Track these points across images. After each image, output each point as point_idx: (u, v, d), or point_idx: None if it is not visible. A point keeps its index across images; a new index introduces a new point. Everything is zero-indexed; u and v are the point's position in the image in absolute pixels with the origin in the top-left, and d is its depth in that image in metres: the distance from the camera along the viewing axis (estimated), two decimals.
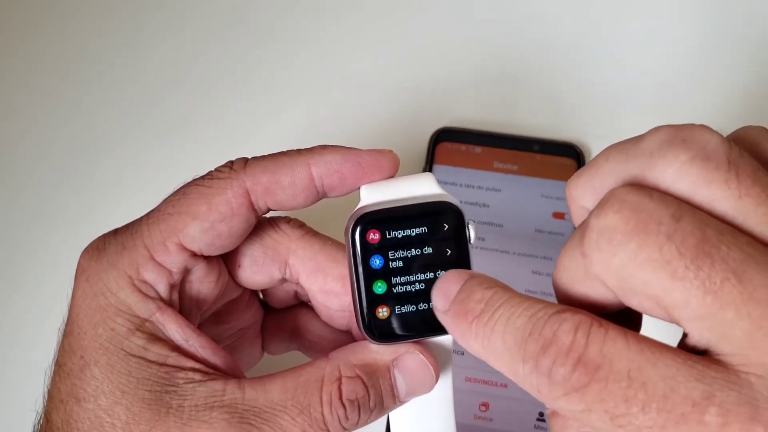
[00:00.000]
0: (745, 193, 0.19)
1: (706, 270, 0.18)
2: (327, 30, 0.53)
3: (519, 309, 0.21)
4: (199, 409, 0.26)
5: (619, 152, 0.22)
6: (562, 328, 0.20)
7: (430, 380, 0.28)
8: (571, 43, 0.51)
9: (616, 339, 0.19)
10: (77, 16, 0.54)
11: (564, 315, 0.20)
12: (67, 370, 0.27)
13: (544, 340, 0.20)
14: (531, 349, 0.20)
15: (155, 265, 0.28)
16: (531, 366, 0.20)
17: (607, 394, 0.19)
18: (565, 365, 0.19)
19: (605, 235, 0.20)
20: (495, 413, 0.39)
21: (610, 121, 0.48)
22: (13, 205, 0.47)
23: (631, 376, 0.19)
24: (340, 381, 0.27)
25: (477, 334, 0.22)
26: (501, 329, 0.21)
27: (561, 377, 0.19)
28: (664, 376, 0.18)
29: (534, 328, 0.20)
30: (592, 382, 0.19)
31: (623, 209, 0.19)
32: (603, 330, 0.19)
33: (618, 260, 0.19)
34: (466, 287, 0.23)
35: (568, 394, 0.19)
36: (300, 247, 0.30)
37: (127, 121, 0.50)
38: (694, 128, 0.20)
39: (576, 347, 0.19)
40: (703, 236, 0.19)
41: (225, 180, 0.28)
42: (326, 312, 0.31)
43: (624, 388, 0.19)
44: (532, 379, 0.20)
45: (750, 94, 0.49)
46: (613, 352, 0.19)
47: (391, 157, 0.28)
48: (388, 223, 0.27)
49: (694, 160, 0.20)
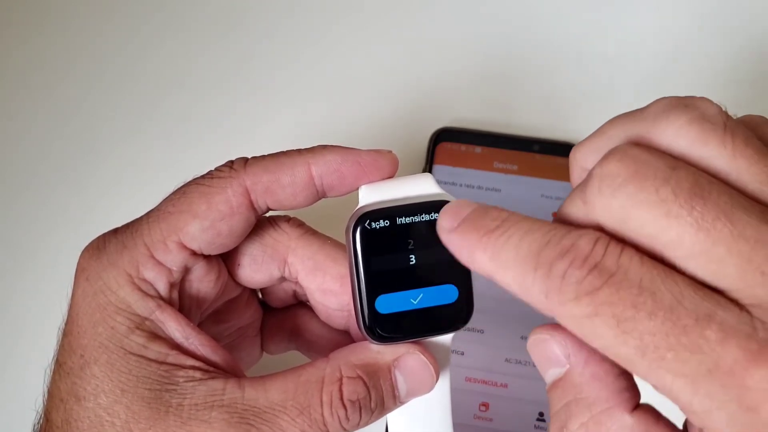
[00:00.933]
0: (740, 153, 0.21)
1: (699, 209, 0.19)
2: (327, 30, 0.53)
3: (536, 225, 0.21)
4: (199, 408, 0.26)
5: (625, 118, 0.23)
6: (582, 239, 0.20)
7: (430, 380, 0.28)
8: (571, 43, 0.51)
9: (632, 255, 0.20)
10: (77, 16, 0.54)
11: (584, 230, 0.21)
12: (67, 368, 0.27)
13: (562, 248, 0.20)
14: (547, 255, 0.20)
15: (155, 263, 0.28)
16: (544, 271, 0.20)
17: (618, 299, 0.19)
18: (581, 269, 0.20)
19: (606, 180, 0.21)
20: (495, 413, 0.39)
21: None
22: (14, 205, 0.47)
23: (642, 285, 0.19)
24: (341, 381, 0.27)
25: (486, 246, 0.22)
26: (516, 240, 0.21)
27: (575, 279, 0.20)
28: (672, 290, 0.19)
29: (552, 239, 0.21)
30: (604, 285, 0.19)
31: (624, 158, 0.21)
32: (620, 246, 0.20)
33: (618, 202, 0.20)
34: (480, 208, 0.23)
35: (578, 298, 0.20)
36: (299, 246, 0.30)
37: (128, 121, 0.50)
38: (695, 98, 0.22)
39: (594, 255, 0.20)
40: (696, 181, 0.20)
41: (225, 179, 0.28)
42: (325, 312, 0.31)
43: (634, 294, 0.19)
44: (542, 284, 0.20)
45: (751, 95, 0.49)
46: (628, 263, 0.20)
47: (390, 158, 0.28)
48: (388, 222, 0.27)
49: (693, 122, 0.21)
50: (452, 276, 0.27)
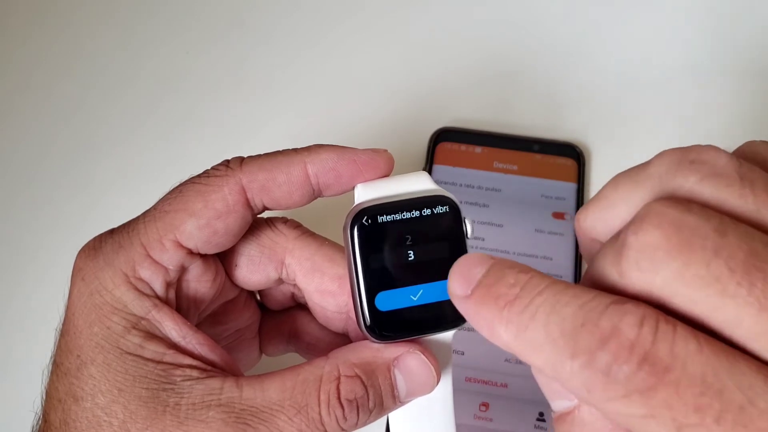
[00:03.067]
0: (763, 205, 0.18)
1: (760, 285, 0.17)
2: (327, 30, 0.53)
3: (566, 296, 0.19)
4: (196, 407, 0.26)
5: (627, 179, 0.21)
6: (624, 320, 0.17)
7: (431, 381, 0.27)
8: (571, 43, 0.51)
9: (687, 338, 0.17)
10: (77, 16, 0.54)
11: (626, 306, 0.18)
12: (64, 369, 0.27)
13: (602, 333, 0.17)
14: (584, 341, 0.18)
15: (151, 262, 0.28)
16: (583, 361, 0.17)
17: (678, 400, 0.17)
18: (629, 362, 0.17)
19: (646, 253, 0.18)
20: (495, 413, 0.39)
21: (610, 121, 0.48)
22: (13, 205, 0.47)
23: (705, 381, 0.17)
24: (338, 380, 0.26)
25: (510, 321, 0.19)
26: (543, 317, 0.18)
27: (623, 375, 0.17)
28: (741, 385, 0.17)
29: (588, 317, 0.18)
30: (660, 384, 0.17)
31: (663, 224, 0.18)
32: (671, 327, 0.17)
33: (661, 279, 0.18)
34: (495, 270, 0.20)
35: (629, 396, 0.17)
36: (297, 247, 0.30)
37: (127, 121, 0.50)
38: (701, 149, 0.19)
39: (642, 342, 0.17)
40: (751, 250, 0.17)
41: (221, 177, 0.28)
42: (323, 313, 0.31)
43: (697, 394, 0.17)
44: (582, 376, 0.18)
45: (750, 94, 0.49)
46: (685, 352, 0.17)
47: (386, 157, 0.28)
48: (385, 219, 0.27)
49: (705, 180, 0.19)
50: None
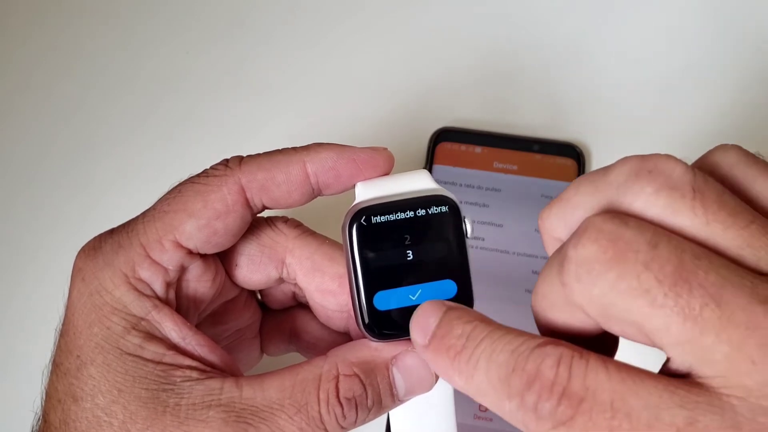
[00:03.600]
0: (713, 218, 0.20)
1: (685, 296, 0.19)
2: (327, 30, 0.53)
3: (500, 344, 0.21)
4: (197, 407, 0.26)
5: (588, 184, 0.22)
6: (545, 363, 0.20)
7: (429, 379, 0.28)
8: (572, 43, 0.51)
9: (597, 369, 0.19)
10: (77, 16, 0.54)
11: (546, 348, 0.20)
12: (64, 369, 0.27)
13: (528, 376, 0.20)
14: (516, 385, 0.20)
15: (151, 263, 0.28)
16: (517, 402, 0.20)
17: (592, 426, 0.19)
18: (550, 400, 0.19)
19: (584, 266, 0.20)
20: (495, 413, 0.39)
21: (610, 121, 0.48)
22: (13, 205, 0.47)
23: (614, 406, 0.19)
24: (337, 379, 0.26)
25: (460, 371, 0.22)
26: (484, 365, 0.21)
27: (547, 412, 0.19)
28: (647, 404, 0.19)
29: (517, 363, 0.20)
30: (576, 414, 0.19)
31: (600, 238, 0.20)
32: (584, 361, 0.20)
33: (598, 290, 0.20)
34: (445, 321, 0.23)
35: (555, 428, 0.19)
36: (297, 246, 0.30)
37: (127, 121, 0.50)
38: (659, 159, 0.21)
39: (559, 381, 0.19)
40: (679, 262, 0.19)
41: (220, 177, 0.28)
42: (324, 313, 0.31)
43: (608, 419, 0.19)
44: (518, 415, 0.20)
45: (750, 94, 0.49)
46: (596, 383, 0.19)
47: (385, 155, 0.28)
48: (384, 218, 0.27)
49: (661, 191, 0.20)
50: (450, 271, 0.27)
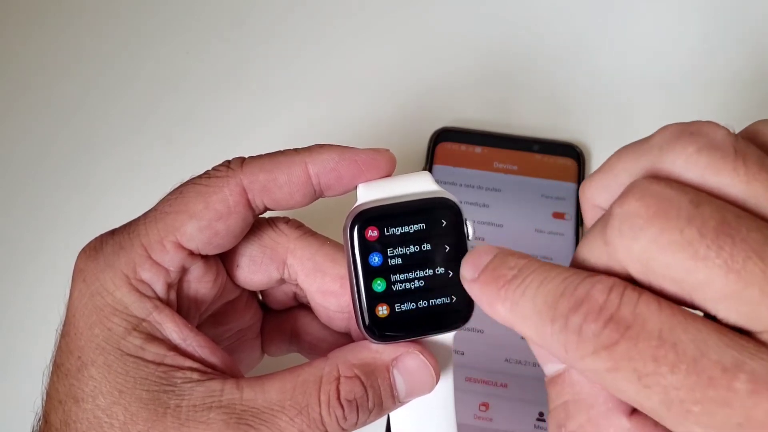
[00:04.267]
0: (753, 178, 0.20)
1: (728, 249, 0.18)
2: (327, 30, 0.53)
3: (552, 273, 0.21)
4: (197, 409, 0.26)
5: (631, 150, 0.22)
6: (596, 288, 0.20)
7: (430, 381, 0.28)
8: (572, 43, 0.51)
9: (649, 302, 0.19)
10: (77, 16, 0.54)
11: (598, 277, 0.20)
12: (64, 370, 0.27)
13: (576, 299, 0.20)
14: (562, 307, 0.20)
15: (152, 264, 0.28)
16: (561, 324, 0.20)
17: (637, 353, 0.19)
18: (596, 322, 0.19)
19: (627, 222, 0.20)
20: (495, 413, 0.39)
21: (611, 121, 0.48)
22: (13, 206, 0.47)
23: (662, 336, 0.19)
24: (338, 381, 0.26)
25: (506, 298, 0.22)
26: (532, 292, 0.21)
27: (591, 333, 0.19)
28: (695, 339, 0.18)
29: (567, 288, 0.20)
30: (622, 339, 0.19)
31: (645, 197, 0.20)
32: (636, 293, 0.19)
33: (640, 245, 0.20)
34: (499, 257, 0.23)
35: (597, 352, 0.19)
36: (298, 247, 0.30)
37: (127, 121, 0.50)
38: (701, 123, 0.21)
39: (609, 306, 0.19)
40: (722, 219, 0.19)
41: (222, 178, 0.28)
42: (325, 313, 0.31)
43: (654, 347, 0.19)
44: (560, 338, 0.20)
45: (752, 93, 0.49)
46: (646, 312, 0.19)
47: (387, 156, 0.28)
48: (386, 221, 0.26)
49: (702, 150, 0.20)
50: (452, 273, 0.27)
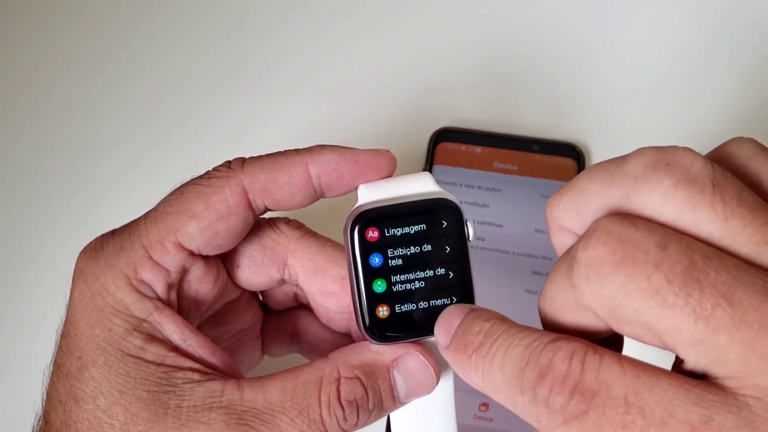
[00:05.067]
0: (731, 214, 0.19)
1: (696, 296, 0.18)
2: (327, 30, 0.53)
3: (516, 339, 0.21)
4: (198, 409, 0.26)
5: (603, 174, 0.22)
6: (557, 356, 0.20)
7: (430, 382, 0.28)
8: (572, 43, 0.51)
9: (611, 365, 0.19)
10: (77, 16, 0.54)
11: (558, 343, 0.20)
12: (65, 370, 0.27)
13: (540, 369, 0.20)
14: (528, 378, 0.20)
15: (153, 264, 0.28)
16: (529, 396, 0.20)
17: (606, 421, 0.19)
18: (562, 393, 0.19)
19: (593, 267, 0.20)
20: (495, 413, 0.39)
21: (610, 121, 0.48)
22: (13, 206, 0.47)
23: (628, 401, 0.19)
24: (338, 382, 0.26)
25: (477, 367, 0.22)
26: (499, 360, 0.21)
27: (559, 405, 0.19)
28: (661, 400, 0.18)
29: (531, 357, 0.20)
30: (589, 409, 0.19)
31: (609, 240, 0.19)
32: (598, 357, 0.19)
33: (607, 291, 0.19)
34: (466, 321, 0.23)
35: (567, 423, 0.19)
36: (299, 248, 0.30)
37: (127, 121, 0.50)
38: (677, 151, 0.20)
39: (572, 374, 0.19)
40: (690, 262, 0.19)
41: (222, 179, 0.28)
42: (325, 314, 0.31)
43: (622, 414, 0.18)
44: (531, 409, 0.20)
45: (750, 94, 0.49)
46: (609, 378, 0.19)
47: (388, 157, 0.28)
48: (386, 221, 0.26)
49: (679, 184, 0.20)
50: (452, 274, 0.27)
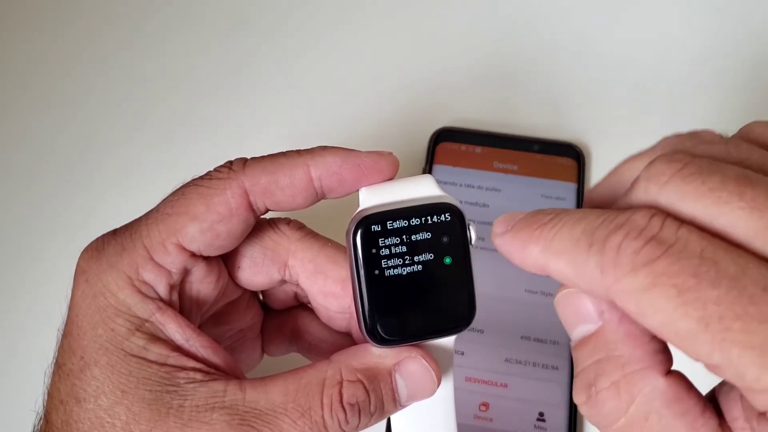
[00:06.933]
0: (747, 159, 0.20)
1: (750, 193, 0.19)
2: (327, 30, 0.53)
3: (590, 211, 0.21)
4: (200, 409, 0.26)
5: (639, 159, 0.23)
6: (637, 214, 0.20)
7: (431, 385, 0.28)
8: (572, 43, 0.51)
9: (691, 228, 0.19)
10: (78, 16, 0.54)
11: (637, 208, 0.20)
12: (66, 370, 0.27)
13: (617, 224, 0.20)
14: (601, 232, 0.20)
15: (154, 265, 0.28)
16: (598, 247, 0.19)
17: (678, 268, 0.18)
18: (638, 240, 0.19)
19: (653, 179, 0.20)
20: (495, 413, 0.39)
21: (611, 121, 0.48)
22: (14, 206, 0.47)
23: (703, 255, 0.18)
24: (341, 384, 0.26)
25: (540, 237, 0.21)
26: (569, 227, 0.21)
27: (631, 250, 0.19)
28: (735, 260, 0.18)
29: (607, 218, 0.20)
30: (663, 255, 0.19)
31: (672, 159, 0.20)
32: (678, 222, 0.19)
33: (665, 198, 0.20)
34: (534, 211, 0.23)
35: (635, 270, 0.19)
36: (300, 249, 0.30)
37: (128, 121, 0.50)
38: (698, 131, 0.22)
39: (651, 228, 0.19)
40: (743, 172, 0.19)
41: (224, 180, 0.28)
42: (326, 313, 0.31)
43: (695, 264, 0.18)
44: (597, 259, 0.19)
45: (752, 93, 0.49)
46: (688, 235, 0.19)
47: (390, 160, 0.28)
48: (389, 225, 0.26)
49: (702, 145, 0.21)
50: (454, 279, 0.27)
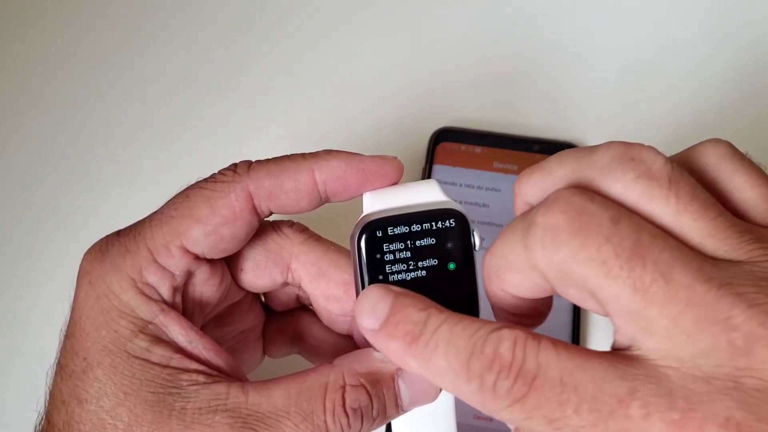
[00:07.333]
0: (684, 209, 0.21)
1: (638, 271, 0.20)
2: (328, 31, 0.53)
3: (458, 329, 0.22)
4: (203, 412, 0.26)
5: (573, 160, 0.24)
6: (502, 345, 0.21)
7: (433, 390, 0.28)
8: (572, 43, 0.51)
9: (548, 349, 0.21)
10: (78, 16, 0.54)
11: (502, 332, 0.22)
12: (69, 371, 0.27)
13: (487, 359, 0.21)
14: (475, 367, 0.21)
15: (158, 267, 0.28)
16: (477, 384, 0.21)
17: (544, 401, 0.20)
18: (507, 379, 0.21)
19: (550, 233, 0.21)
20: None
21: (611, 122, 0.48)
22: (15, 207, 0.47)
23: (563, 381, 0.20)
24: (344, 389, 0.27)
25: (417, 355, 0.23)
26: (443, 350, 0.22)
27: (504, 390, 0.21)
28: (593, 378, 0.20)
29: (476, 347, 0.22)
30: (530, 391, 0.21)
31: (568, 210, 0.21)
32: (536, 342, 0.21)
33: (560, 256, 0.21)
34: (398, 307, 0.24)
35: (511, 406, 0.21)
36: (302, 252, 0.30)
37: (130, 122, 0.50)
38: (642, 148, 0.22)
39: (516, 361, 0.21)
40: (638, 239, 0.21)
41: (228, 183, 0.28)
42: (328, 316, 0.31)
43: (558, 393, 0.20)
44: (477, 395, 0.22)
45: (752, 93, 0.49)
46: (547, 361, 0.21)
47: (395, 164, 0.28)
48: (393, 231, 0.26)
49: (640, 178, 0.22)
50: (458, 285, 0.27)
